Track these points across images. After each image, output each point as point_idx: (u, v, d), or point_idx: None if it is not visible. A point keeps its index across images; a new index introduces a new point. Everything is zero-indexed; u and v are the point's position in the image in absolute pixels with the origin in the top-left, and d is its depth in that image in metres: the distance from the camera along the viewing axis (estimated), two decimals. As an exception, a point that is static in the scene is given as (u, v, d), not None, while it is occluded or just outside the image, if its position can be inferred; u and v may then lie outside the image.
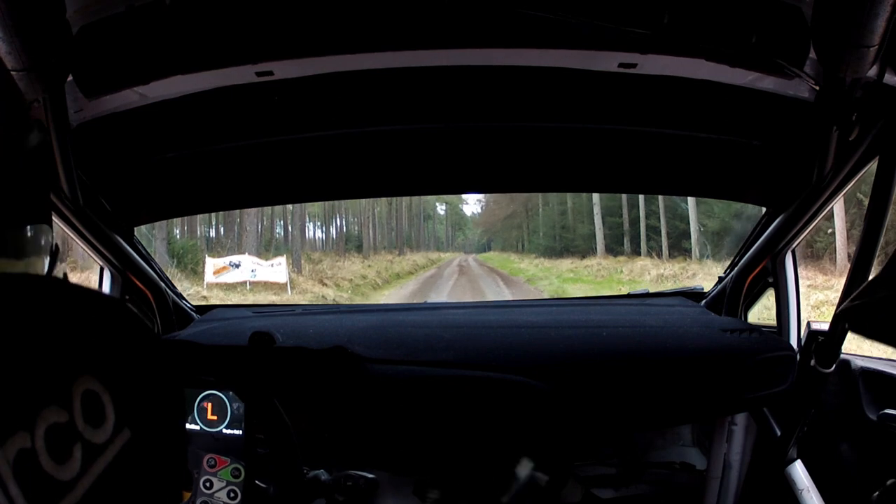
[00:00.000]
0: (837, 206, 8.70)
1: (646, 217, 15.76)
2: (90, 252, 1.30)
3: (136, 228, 1.43)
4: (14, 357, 0.35)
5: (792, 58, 0.98)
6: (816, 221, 1.27)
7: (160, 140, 1.28)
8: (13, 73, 0.89)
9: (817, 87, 1.04)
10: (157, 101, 1.14)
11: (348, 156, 1.39)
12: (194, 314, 1.58)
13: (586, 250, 16.51)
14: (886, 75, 0.96)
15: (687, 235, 14.60)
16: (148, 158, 1.32)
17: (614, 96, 1.20)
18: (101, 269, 1.37)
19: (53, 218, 1.12)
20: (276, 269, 10.70)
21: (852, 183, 1.14)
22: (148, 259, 1.44)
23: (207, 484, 1.13)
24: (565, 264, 15.89)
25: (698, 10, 0.95)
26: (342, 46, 1.03)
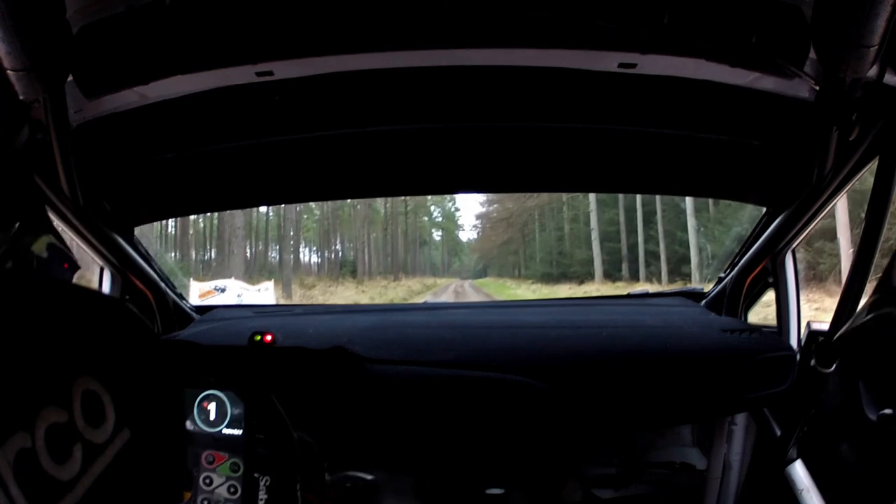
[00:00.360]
0: (842, 227, 8.67)
1: (644, 242, 15.57)
2: (90, 252, 1.29)
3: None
4: (14, 357, 0.35)
5: (792, 58, 0.98)
6: (816, 221, 1.27)
7: (160, 140, 1.28)
8: (13, 73, 0.89)
9: (817, 87, 1.04)
10: (157, 101, 1.13)
11: (348, 156, 1.39)
12: (194, 314, 1.58)
13: (584, 276, 16.22)
14: (886, 75, 0.96)
15: (686, 260, 14.41)
16: (148, 158, 1.32)
17: (614, 96, 1.20)
18: (101, 269, 1.37)
19: (53, 218, 1.13)
20: (262, 294, 10.40)
21: (852, 183, 1.14)
22: (148, 259, 1.44)
23: (207, 480, 1.13)
24: (563, 290, 15.56)
25: (698, 10, 0.95)
26: (342, 46, 1.03)
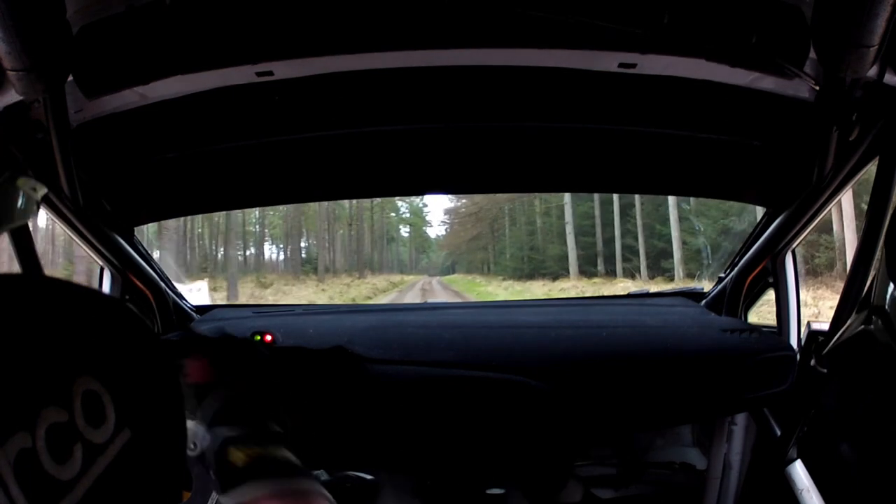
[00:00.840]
0: (847, 220, 8.59)
1: (621, 236, 14.73)
2: (90, 252, 1.30)
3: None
4: (14, 357, 0.35)
5: (792, 58, 0.98)
6: (816, 221, 1.27)
7: (160, 140, 1.28)
8: (13, 73, 0.89)
9: (817, 87, 1.04)
10: (157, 101, 1.14)
11: (348, 156, 1.39)
12: (194, 314, 1.58)
13: (557, 272, 15.43)
14: (886, 75, 0.96)
15: (666, 255, 13.67)
16: (148, 158, 1.32)
17: (614, 96, 1.20)
18: (101, 269, 1.37)
19: (53, 218, 1.13)
20: (195, 295, 10.24)
21: (852, 183, 1.14)
22: (148, 259, 1.44)
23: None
24: (537, 287, 14.85)
25: (698, 10, 0.95)
26: (342, 46, 1.03)
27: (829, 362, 1.14)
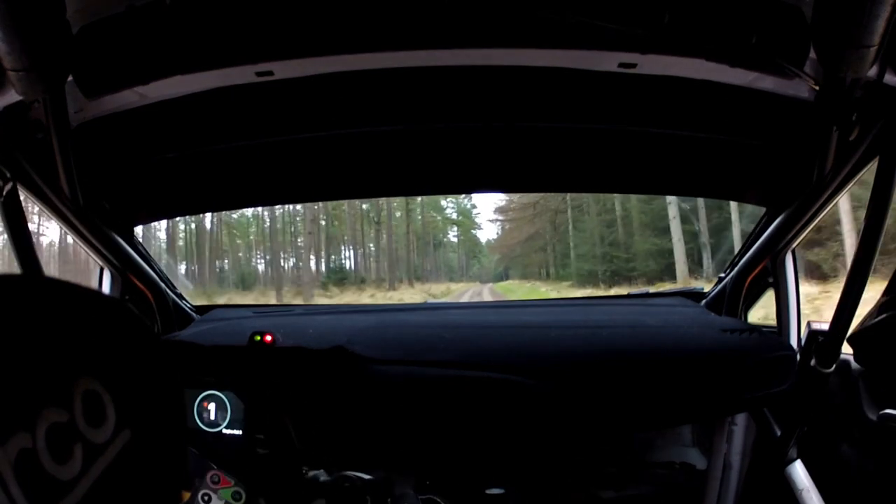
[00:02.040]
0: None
1: (738, 220, 10.49)
2: (90, 252, 1.30)
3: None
4: (15, 358, 0.35)
5: (792, 58, 0.98)
6: (816, 221, 1.27)
7: (160, 140, 1.28)
8: (13, 73, 0.89)
9: (817, 87, 1.04)
10: (157, 101, 1.14)
11: (348, 156, 1.39)
12: (194, 314, 1.58)
13: (654, 273, 11.32)
14: (886, 75, 0.96)
15: (813, 243, 8.84)
16: (148, 158, 1.32)
17: (614, 96, 1.20)
18: (101, 269, 1.37)
19: (53, 218, 1.13)
20: None
21: (852, 183, 1.15)
22: (148, 259, 1.44)
23: (206, 497, 1.13)
24: None
25: (698, 10, 0.96)
26: (342, 46, 1.03)
27: (855, 346, 1.14)
